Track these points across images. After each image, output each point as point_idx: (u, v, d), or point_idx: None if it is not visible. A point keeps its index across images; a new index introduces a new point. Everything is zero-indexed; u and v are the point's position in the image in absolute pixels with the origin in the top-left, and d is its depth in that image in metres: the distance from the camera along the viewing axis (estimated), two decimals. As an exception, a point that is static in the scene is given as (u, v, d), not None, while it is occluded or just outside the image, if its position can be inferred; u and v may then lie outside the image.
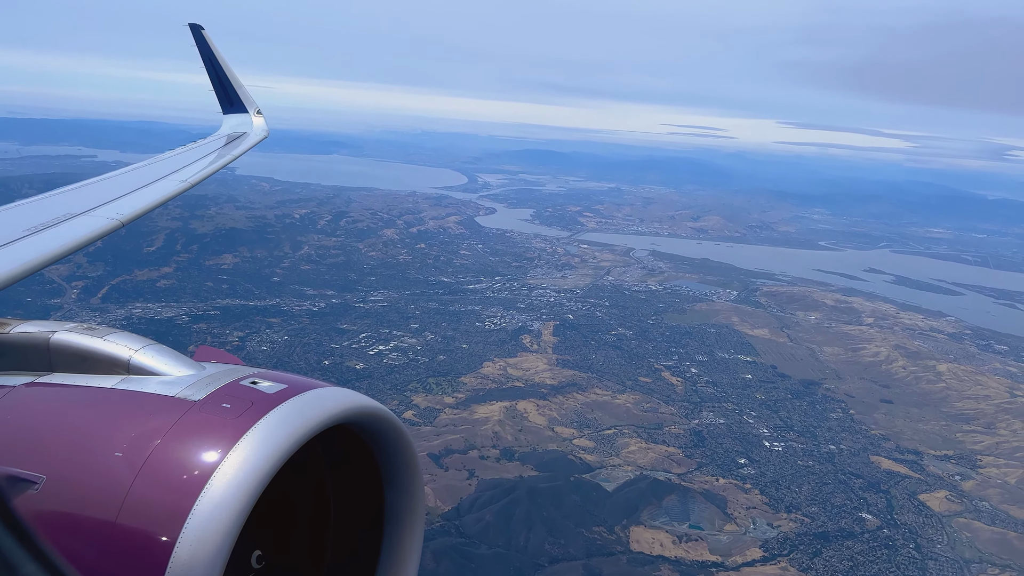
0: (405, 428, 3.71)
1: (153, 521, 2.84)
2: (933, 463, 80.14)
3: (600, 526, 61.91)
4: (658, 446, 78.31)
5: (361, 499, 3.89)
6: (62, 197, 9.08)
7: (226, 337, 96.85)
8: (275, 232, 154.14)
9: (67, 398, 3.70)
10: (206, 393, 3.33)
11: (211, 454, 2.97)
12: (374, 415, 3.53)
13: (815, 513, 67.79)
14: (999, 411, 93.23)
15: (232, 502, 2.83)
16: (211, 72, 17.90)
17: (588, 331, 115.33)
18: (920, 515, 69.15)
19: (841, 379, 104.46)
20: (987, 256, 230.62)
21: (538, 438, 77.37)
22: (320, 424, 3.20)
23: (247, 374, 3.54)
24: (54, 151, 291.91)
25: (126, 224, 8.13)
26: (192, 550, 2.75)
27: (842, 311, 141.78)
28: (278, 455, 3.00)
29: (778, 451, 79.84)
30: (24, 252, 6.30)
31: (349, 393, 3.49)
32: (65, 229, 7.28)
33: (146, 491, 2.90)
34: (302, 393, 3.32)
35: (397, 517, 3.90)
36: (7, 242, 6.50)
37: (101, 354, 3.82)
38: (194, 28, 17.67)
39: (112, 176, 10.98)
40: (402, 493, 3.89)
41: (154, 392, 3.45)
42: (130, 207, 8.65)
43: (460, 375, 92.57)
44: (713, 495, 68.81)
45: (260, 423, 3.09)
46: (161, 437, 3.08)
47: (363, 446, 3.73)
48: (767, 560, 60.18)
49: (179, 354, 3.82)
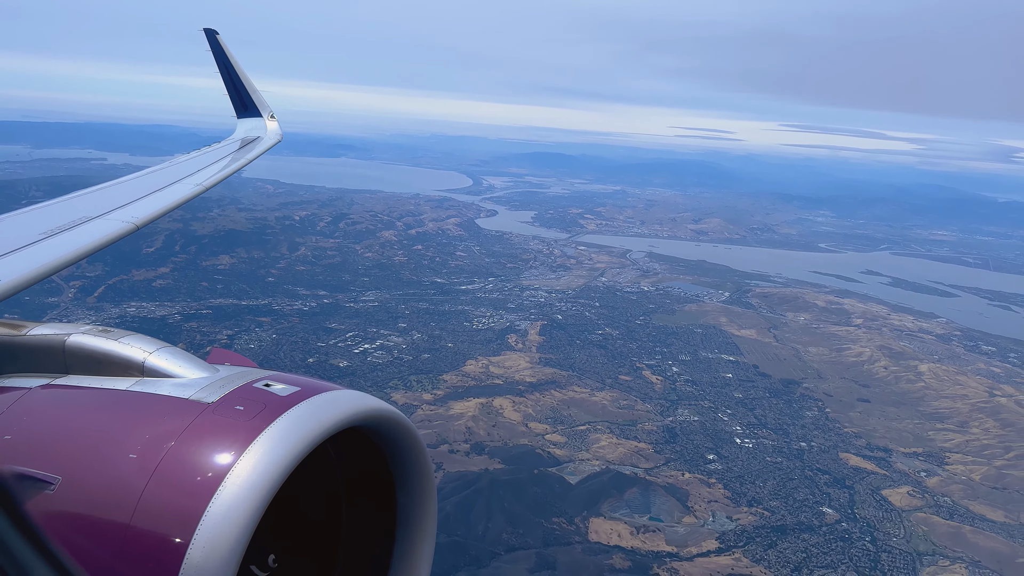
0: (418, 432, 3.76)
1: (167, 523, 2.88)
2: (901, 460, 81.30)
3: (560, 517, 63.75)
4: (629, 442, 79.98)
5: (373, 503, 3.93)
6: (77, 201, 9.13)
7: (215, 335, 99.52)
8: (274, 234, 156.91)
9: (82, 400, 3.74)
10: (219, 395, 3.39)
11: (224, 456, 3.00)
12: (387, 418, 3.58)
13: (776, 507, 69.20)
14: (974, 410, 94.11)
15: (245, 505, 2.86)
16: (226, 77, 18.05)
17: (575, 331, 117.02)
18: (880, 510, 70.40)
19: (822, 379, 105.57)
20: (988, 259, 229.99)
21: (511, 433, 79.26)
22: (333, 427, 3.24)
23: (260, 376, 3.59)
24: (64, 154, 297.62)
25: (141, 227, 8.26)
26: (205, 552, 2.78)
27: (832, 312, 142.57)
28: (291, 458, 3.03)
29: (748, 447, 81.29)
30: (40, 255, 6.41)
31: (362, 396, 3.52)
32: (80, 232, 7.39)
33: (160, 493, 2.95)
34: (315, 396, 3.36)
35: (409, 522, 3.94)
36: (23, 245, 6.60)
37: (116, 356, 3.89)
38: (209, 33, 17.81)
39: (127, 180, 11.06)
40: (414, 498, 3.92)
41: (168, 394, 3.50)
42: (144, 211, 8.77)
43: (442, 373, 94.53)
44: (676, 489, 70.46)
45: (273, 426, 3.13)
46: (175, 439, 3.12)
47: (376, 450, 3.77)
48: (722, 551, 61.66)
49: (193, 356, 3.89)
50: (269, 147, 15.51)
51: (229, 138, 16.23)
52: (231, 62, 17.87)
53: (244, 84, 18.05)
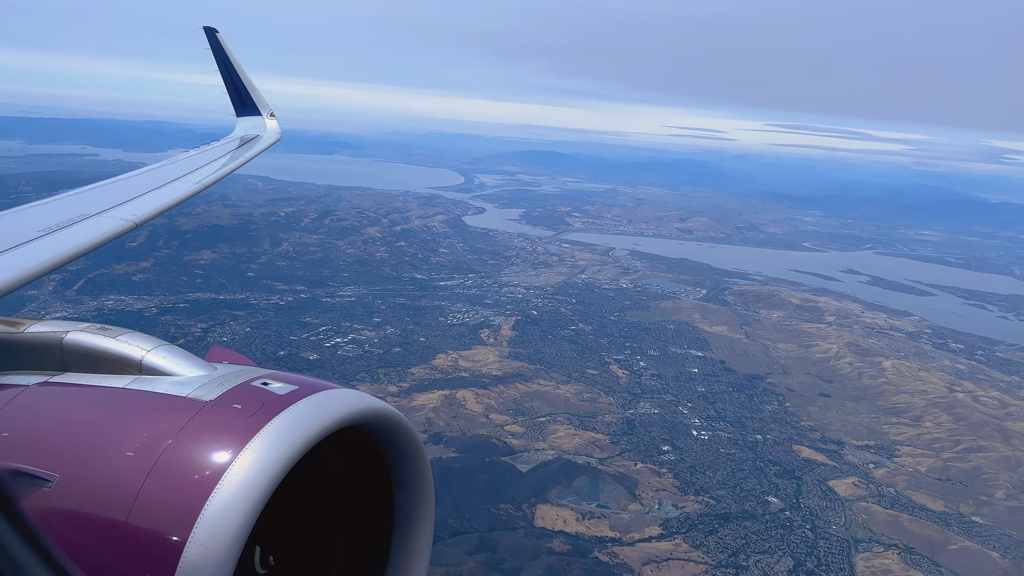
0: (416, 431, 3.78)
1: (164, 521, 2.88)
2: (852, 452, 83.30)
3: (507, 504, 65.78)
4: (586, 433, 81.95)
5: (371, 502, 3.96)
6: (77, 198, 9.16)
7: (189, 329, 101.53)
8: (258, 229, 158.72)
9: (80, 398, 3.75)
10: (217, 394, 3.40)
11: (222, 455, 3.01)
12: (385, 418, 3.59)
13: (723, 496, 71.20)
14: (930, 405, 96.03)
15: (243, 503, 2.87)
16: (225, 75, 18.05)
17: (548, 326, 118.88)
18: (825, 499, 72.37)
19: (787, 374, 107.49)
20: (971, 258, 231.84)
21: (470, 424, 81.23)
22: (330, 426, 3.25)
23: (258, 375, 3.61)
24: (57, 150, 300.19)
25: (140, 225, 8.23)
26: (202, 550, 2.78)
27: (806, 310, 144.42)
28: (288, 456, 3.04)
29: (704, 439, 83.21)
30: (38, 253, 6.41)
31: (360, 395, 3.54)
32: (79, 230, 7.39)
33: (157, 491, 2.95)
34: (313, 394, 3.38)
35: (407, 520, 3.97)
36: (22, 243, 6.60)
37: (114, 354, 3.90)
38: (209, 31, 17.79)
39: (126, 177, 11.11)
40: (412, 496, 3.94)
41: (166, 392, 3.51)
42: (143, 208, 8.76)
43: (411, 366, 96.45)
44: (626, 478, 72.44)
45: (271, 424, 3.14)
46: (172, 437, 3.13)
47: (373, 449, 3.79)
48: (663, 537, 63.64)
49: (191, 355, 3.90)
50: (268, 146, 15.67)
51: (228, 136, 16.42)
52: (231, 60, 17.97)
53: (244, 83, 18.14)
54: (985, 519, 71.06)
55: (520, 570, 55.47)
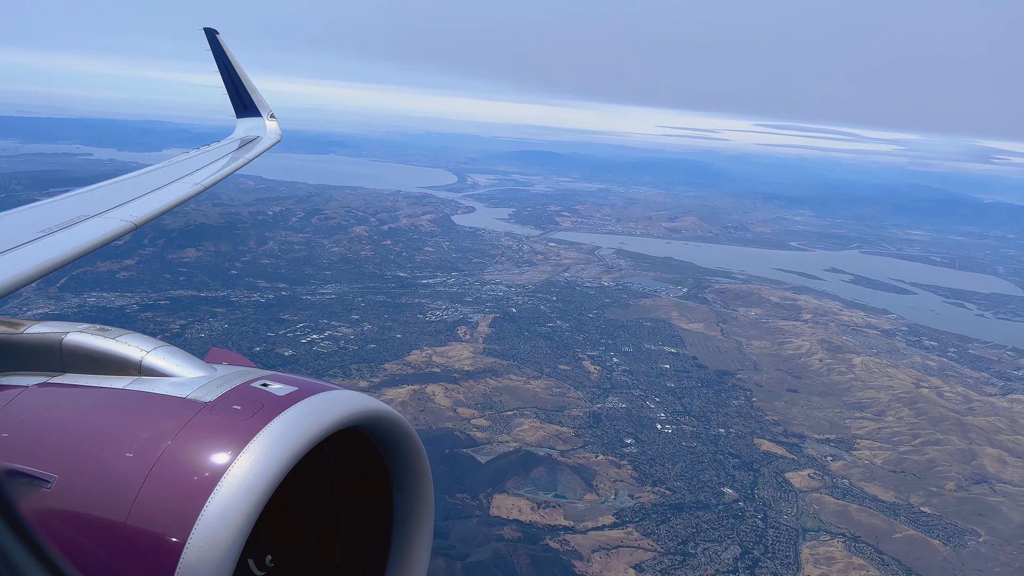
0: (415, 433, 3.78)
1: (163, 522, 2.89)
2: (812, 446, 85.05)
3: (464, 493, 67.52)
4: (551, 426, 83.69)
5: (371, 503, 3.97)
6: (77, 199, 9.16)
7: (168, 325, 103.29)
8: (244, 228, 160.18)
9: (79, 398, 3.76)
10: (217, 395, 3.41)
11: (221, 456, 3.02)
12: (385, 419, 3.59)
13: (679, 487, 72.96)
14: (894, 400, 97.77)
15: (242, 504, 2.88)
16: (225, 76, 17.98)
17: (525, 323, 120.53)
18: (779, 491, 74.13)
19: (757, 370, 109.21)
20: (956, 258, 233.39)
21: (437, 418, 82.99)
22: (330, 427, 3.27)
23: (258, 376, 3.61)
24: (51, 149, 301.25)
25: (140, 226, 8.20)
26: (201, 552, 2.80)
27: (785, 308, 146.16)
28: (288, 457, 3.06)
29: (667, 433, 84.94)
30: (37, 254, 6.38)
31: (360, 396, 3.53)
32: (78, 231, 7.38)
33: (156, 492, 2.96)
34: (313, 395, 3.40)
35: (406, 522, 3.97)
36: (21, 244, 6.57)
37: (113, 355, 3.89)
38: (209, 32, 17.75)
39: (127, 178, 11.13)
40: (411, 498, 3.94)
41: (165, 393, 3.52)
42: (143, 209, 8.73)
43: (384, 362, 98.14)
44: (585, 469, 74.21)
45: (270, 425, 3.15)
46: (172, 438, 3.14)
47: (373, 450, 3.80)
48: (616, 526, 65.41)
49: (190, 356, 3.90)
50: (268, 147, 15.69)
51: (229, 137, 16.43)
52: (231, 62, 17.89)
53: (244, 84, 18.08)
54: (933, 509, 72.90)
55: (468, 555, 57.20)
